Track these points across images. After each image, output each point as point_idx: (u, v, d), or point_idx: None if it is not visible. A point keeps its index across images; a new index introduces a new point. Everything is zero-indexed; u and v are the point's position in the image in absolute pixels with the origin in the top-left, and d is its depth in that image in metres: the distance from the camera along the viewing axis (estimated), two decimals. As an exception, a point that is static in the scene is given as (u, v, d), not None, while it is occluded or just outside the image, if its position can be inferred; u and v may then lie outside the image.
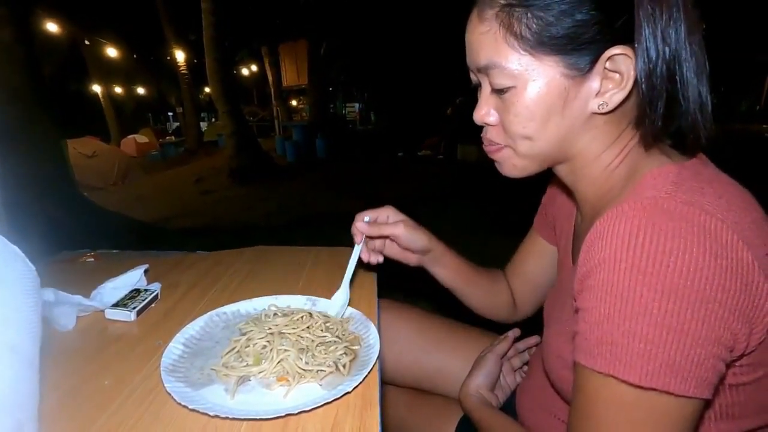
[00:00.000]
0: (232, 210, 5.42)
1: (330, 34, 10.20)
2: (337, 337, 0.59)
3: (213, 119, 18.45)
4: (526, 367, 0.78)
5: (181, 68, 10.64)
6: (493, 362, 0.72)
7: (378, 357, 0.55)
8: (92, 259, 0.96)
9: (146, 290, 0.74)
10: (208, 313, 0.66)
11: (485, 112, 0.51)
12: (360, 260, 0.72)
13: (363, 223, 0.70)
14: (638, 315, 0.36)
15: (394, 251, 0.74)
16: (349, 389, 0.49)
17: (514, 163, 0.52)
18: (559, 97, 0.45)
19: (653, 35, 0.41)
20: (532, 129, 0.47)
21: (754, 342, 0.39)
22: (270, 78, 13.03)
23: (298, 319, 0.61)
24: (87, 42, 12.17)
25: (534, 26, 0.43)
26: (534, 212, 0.78)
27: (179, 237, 4.17)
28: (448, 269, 0.76)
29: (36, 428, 0.39)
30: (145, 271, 0.79)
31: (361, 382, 0.51)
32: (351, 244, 0.73)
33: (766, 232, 0.40)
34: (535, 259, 0.78)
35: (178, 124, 18.39)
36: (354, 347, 0.58)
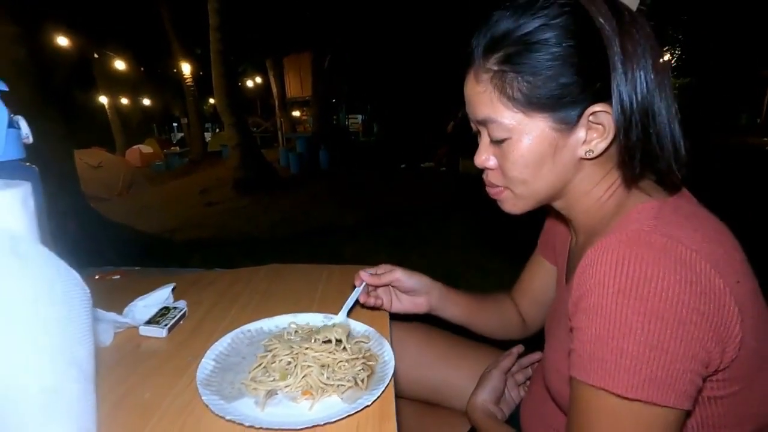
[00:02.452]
0: (236, 221, 5.47)
1: (334, 46, 10.37)
2: (355, 355, 0.63)
3: (217, 130, 18.61)
4: (529, 382, 0.83)
5: (187, 80, 10.82)
6: (497, 377, 0.76)
7: (393, 372, 0.60)
8: (118, 276, 1.02)
9: (175, 308, 0.79)
10: (234, 331, 0.71)
11: (485, 158, 0.58)
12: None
13: (365, 272, 0.76)
14: (624, 334, 0.42)
15: (403, 304, 0.80)
16: (369, 402, 0.54)
17: (513, 202, 0.58)
18: (550, 146, 0.52)
19: (627, 93, 0.48)
20: (527, 174, 0.54)
21: (727, 359, 0.44)
22: (274, 90, 13.16)
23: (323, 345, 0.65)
24: (96, 55, 12.40)
25: (524, 89, 0.50)
26: (532, 225, 0.84)
27: (184, 250, 4.22)
28: (459, 305, 0.82)
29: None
30: (172, 290, 0.85)
31: (379, 396, 0.56)
32: (354, 259, 0.77)
33: (737, 262, 0.46)
34: (540, 278, 0.83)
35: (182, 134, 18.57)
36: (371, 363, 0.63)
